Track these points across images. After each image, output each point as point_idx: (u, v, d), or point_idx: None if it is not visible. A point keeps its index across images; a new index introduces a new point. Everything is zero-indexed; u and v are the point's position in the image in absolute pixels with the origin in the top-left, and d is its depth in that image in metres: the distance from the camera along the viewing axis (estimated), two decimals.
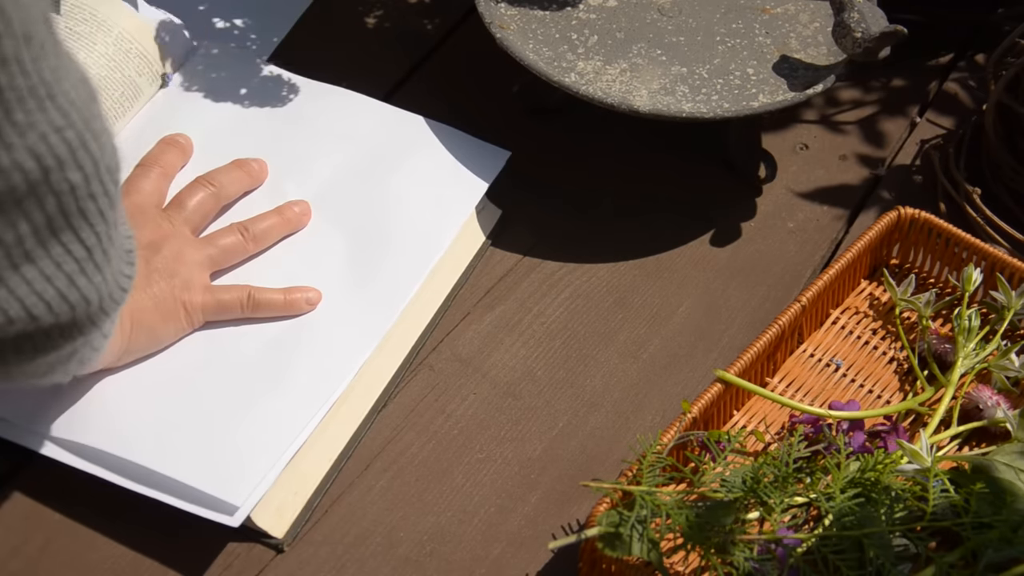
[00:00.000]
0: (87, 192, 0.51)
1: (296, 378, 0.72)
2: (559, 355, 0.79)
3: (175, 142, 0.81)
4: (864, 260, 0.82)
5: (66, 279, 0.52)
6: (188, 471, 0.67)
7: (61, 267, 0.52)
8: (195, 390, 0.71)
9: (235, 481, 0.67)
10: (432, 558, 0.70)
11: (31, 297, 0.51)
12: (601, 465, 0.74)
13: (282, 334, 0.74)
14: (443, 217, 0.81)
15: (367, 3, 1.01)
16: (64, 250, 0.52)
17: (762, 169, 0.91)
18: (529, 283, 0.83)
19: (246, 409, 0.70)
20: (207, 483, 0.67)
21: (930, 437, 0.71)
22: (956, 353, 0.76)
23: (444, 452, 0.74)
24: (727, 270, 0.85)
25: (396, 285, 0.77)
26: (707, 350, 0.80)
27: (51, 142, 0.48)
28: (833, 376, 0.78)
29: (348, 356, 0.74)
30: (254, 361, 0.73)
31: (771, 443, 0.74)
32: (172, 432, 0.69)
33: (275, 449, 0.69)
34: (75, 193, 0.51)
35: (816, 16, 0.90)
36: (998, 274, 0.78)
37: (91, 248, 0.53)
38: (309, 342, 0.74)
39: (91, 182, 0.51)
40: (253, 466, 0.68)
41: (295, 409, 0.71)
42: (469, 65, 0.96)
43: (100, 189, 0.52)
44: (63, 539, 0.69)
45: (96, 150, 0.51)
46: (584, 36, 0.87)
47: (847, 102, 0.97)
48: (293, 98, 0.87)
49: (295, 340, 0.74)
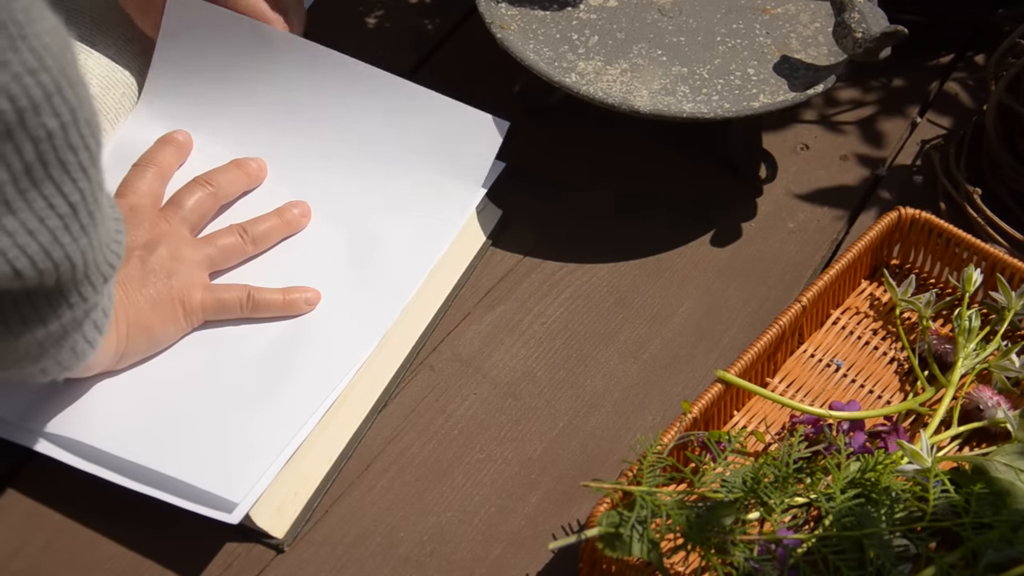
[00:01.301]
0: (65, 142, 0.51)
1: (295, 377, 0.72)
2: (559, 355, 0.79)
3: (172, 140, 0.81)
4: (864, 260, 0.82)
5: (49, 234, 0.52)
6: (186, 469, 0.67)
7: (44, 222, 0.52)
8: (193, 389, 0.71)
9: (234, 478, 0.67)
10: (432, 558, 0.70)
11: (13, 250, 0.51)
12: (601, 465, 0.74)
13: (281, 334, 0.74)
14: (444, 210, 0.81)
15: (367, 3, 1.01)
16: (46, 204, 0.52)
17: (763, 169, 0.91)
18: (530, 283, 0.83)
19: (244, 408, 0.70)
20: (205, 480, 0.67)
21: (930, 437, 0.71)
22: (956, 353, 0.76)
23: (444, 452, 0.74)
24: (728, 270, 0.85)
25: (396, 285, 0.77)
26: (707, 350, 0.80)
27: (24, 83, 0.48)
28: (833, 376, 0.78)
29: (348, 356, 0.74)
30: (253, 360, 0.73)
31: (771, 443, 0.74)
32: (170, 431, 0.69)
33: (274, 447, 0.69)
34: (52, 141, 0.51)
35: (817, 16, 0.90)
36: (998, 275, 0.78)
37: (75, 205, 0.53)
38: (309, 342, 0.74)
39: (69, 131, 0.51)
40: (252, 464, 0.68)
41: (294, 408, 0.71)
42: (469, 65, 0.96)
43: (79, 142, 0.52)
44: (64, 539, 0.69)
45: (73, 99, 0.51)
46: (585, 36, 0.87)
47: (848, 102, 0.97)
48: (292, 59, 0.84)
49: (295, 340, 0.74)
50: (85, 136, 0.52)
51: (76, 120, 0.51)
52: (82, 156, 0.52)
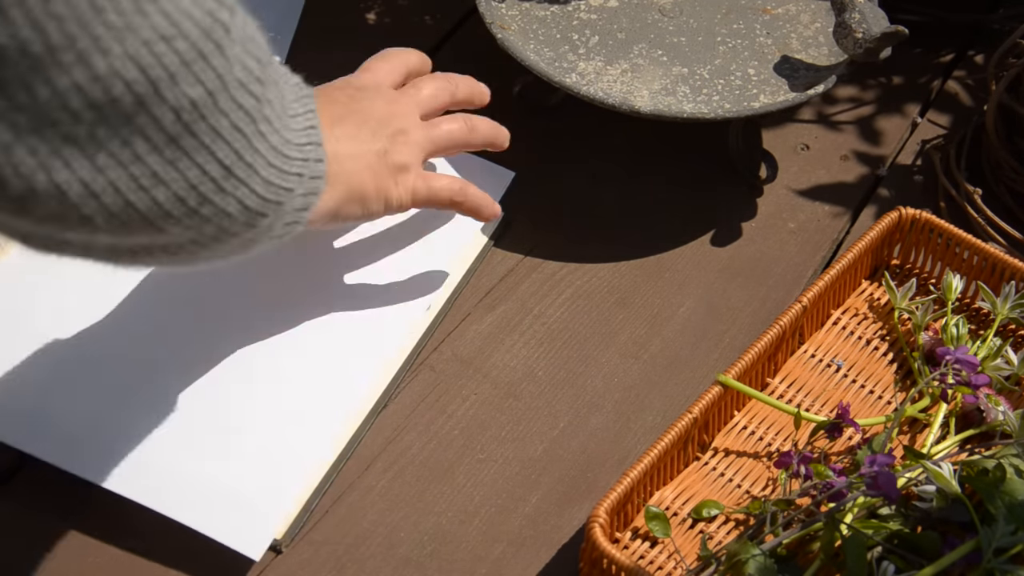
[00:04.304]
0: (215, 108, 0.49)
1: (311, 416, 0.73)
2: (560, 355, 0.79)
3: (419, 56, 0.81)
4: (865, 260, 0.82)
5: (197, 197, 0.50)
6: (208, 523, 0.67)
7: (197, 188, 0.50)
8: (210, 436, 0.71)
9: (253, 534, 0.68)
10: (433, 558, 0.70)
11: (174, 205, 0.50)
12: (602, 466, 0.74)
13: (292, 373, 0.75)
14: (454, 247, 0.82)
15: (367, 3, 1.01)
16: (200, 171, 0.50)
17: (763, 169, 0.91)
18: (530, 283, 0.83)
19: (260, 453, 0.71)
20: (227, 537, 0.67)
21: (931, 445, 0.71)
22: None
23: (445, 452, 0.74)
24: (728, 270, 0.85)
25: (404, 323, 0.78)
26: (708, 350, 0.80)
27: (157, 51, 0.45)
28: (834, 377, 0.78)
29: (359, 399, 0.75)
30: (265, 403, 0.73)
31: (772, 447, 0.74)
32: (190, 481, 0.69)
33: (290, 494, 0.70)
34: (199, 110, 0.48)
35: (817, 16, 0.90)
36: (980, 283, 0.78)
37: (230, 166, 0.51)
38: (320, 381, 0.75)
39: (218, 97, 0.48)
40: (269, 516, 0.69)
41: (310, 450, 0.72)
42: (469, 65, 0.96)
43: (231, 104, 0.49)
44: (64, 541, 0.69)
45: (220, 64, 0.48)
46: (585, 36, 0.87)
47: (848, 102, 0.97)
48: None
49: (307, 377, 0.75)
50: (238, 97, 0.50)
51: (226, 84, 0.49)
52: (235, 117, 0.50)
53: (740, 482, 0.73)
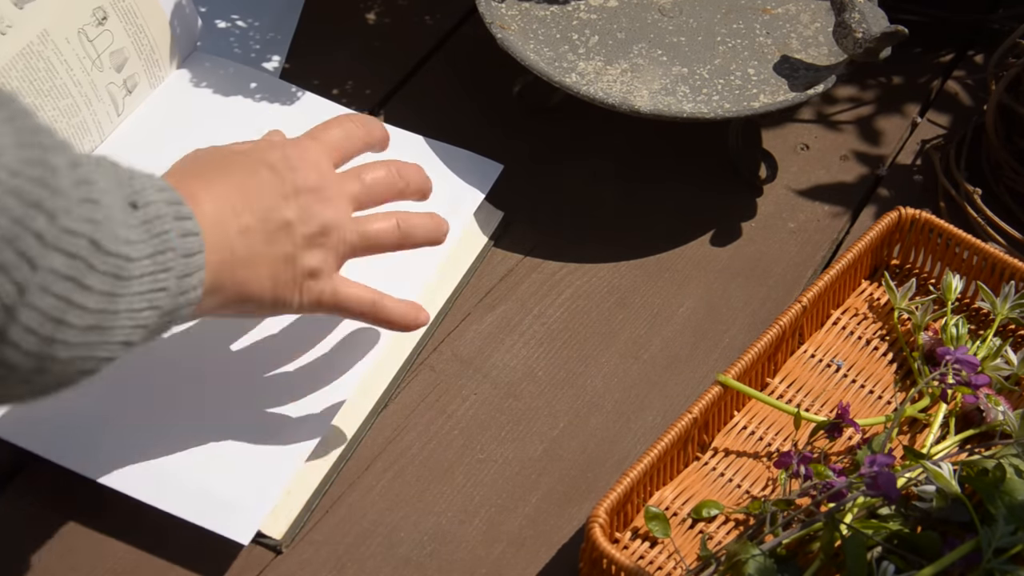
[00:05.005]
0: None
1: (298, 408, 0.73)
2: (560, 355, 0.79)
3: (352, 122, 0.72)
4: (865, 260, 0.82)
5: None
6: (196, 511, 0.67)
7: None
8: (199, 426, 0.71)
9: (242, 519, 0.68)
10: (432, 558, 0.70)
11: None
12: (602, 466, 0.74)
13: (292, 373, 0.75)
14: (454, 247, 0.82)
15: (368, 3, 1.01)
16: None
17: (763, 169, 0.91)
18: (530, 283, 0.83)
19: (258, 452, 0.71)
20: (215, 523, 0.67)
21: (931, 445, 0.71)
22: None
23: (445, 452, 0.74)
24: (728, 270, 0.85)
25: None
26: (708, 350, 0.80)
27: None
28: (834, 377, 0.78)
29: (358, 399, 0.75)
30: (253, 394, 0.73)
31: (772, 447, 0.74)
32: (178, 471, 0.69)
33: (278, 480, 0.70)
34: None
35: (817, 16, 0.90)
36: (980, 283, 0.78)
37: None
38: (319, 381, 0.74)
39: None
40: (259, 502, 0.68)
41: (300, 437, 0.72)
42: (469, 65, 0.96)
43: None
44: (64, 539, 0.69)
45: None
46: (585, 36, 0.87)
47: (848, 102, 0.97)
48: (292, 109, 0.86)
49: (306, 376, 0.74)
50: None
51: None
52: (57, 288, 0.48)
53: (740, 482, 0.73)
